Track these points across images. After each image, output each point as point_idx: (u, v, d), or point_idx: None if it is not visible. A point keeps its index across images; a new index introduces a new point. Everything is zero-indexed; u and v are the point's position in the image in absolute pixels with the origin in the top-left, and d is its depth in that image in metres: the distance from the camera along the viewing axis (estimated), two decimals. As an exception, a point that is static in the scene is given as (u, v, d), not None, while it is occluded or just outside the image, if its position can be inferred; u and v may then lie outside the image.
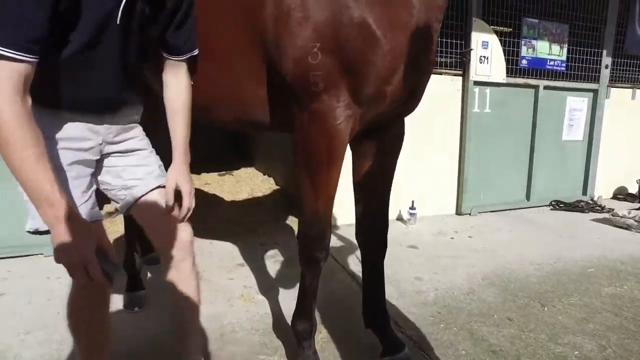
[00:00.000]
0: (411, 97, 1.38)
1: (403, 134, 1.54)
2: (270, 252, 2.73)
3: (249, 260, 2.58)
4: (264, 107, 1.40)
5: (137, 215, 1.25)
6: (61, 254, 0.89)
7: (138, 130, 1.25)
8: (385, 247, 1.58)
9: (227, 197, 3.85)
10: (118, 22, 1.04)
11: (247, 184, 4.23)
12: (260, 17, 1.25)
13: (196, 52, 1.27)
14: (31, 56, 0.87)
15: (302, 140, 1.30)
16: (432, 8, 1.25)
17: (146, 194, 1.22)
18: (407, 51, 1.22)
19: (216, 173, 4.62)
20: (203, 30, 1.36)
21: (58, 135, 1.05)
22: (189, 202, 1.26)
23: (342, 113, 1.22)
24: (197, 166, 4.40)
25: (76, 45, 1.00)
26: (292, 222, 3.37)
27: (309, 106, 1.24)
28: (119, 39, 1.06)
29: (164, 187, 1.24)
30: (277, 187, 4.13)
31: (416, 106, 1.46)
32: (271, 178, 4.33)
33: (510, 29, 3.81)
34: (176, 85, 1.27)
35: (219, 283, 2.26)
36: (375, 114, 1.32)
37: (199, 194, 3.96)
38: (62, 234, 0.88)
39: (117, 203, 1.24)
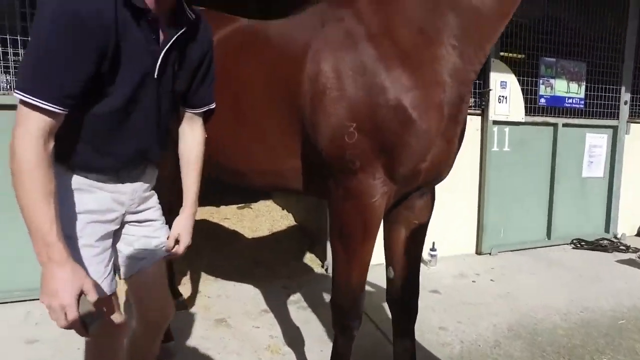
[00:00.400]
0: (444, 166, 1.41)
1: (434, 199, 1.57)
2: (293, 297, 2.74)
3: (273, 306, 2.60)
4: (299, 176, 1.45)
5: (133, 281, 1.28)
6: (45, 294, 0.91)
7: (154, 199, 1.30)
8: (416, 312, 1.59)
9: (248, 234, 3.89)
10: (155, 76, 1.09)
11: (266, 219, 4.28)
12: (297, 94, 1.31)
13: (213, 105, 1.33)
14: (63, 109, 0.93)
15: (336, 214, 1.33)
16: (465, 82, 1.30)
17: (151, 266, 1.27)
18: (441, 128, 1.26)
19: (235, 206, 4.68)
20: (241, 101, 1.43)
21: (88, 207, 1.09)
22: (182, 251, 1.32)
23: (378, 191, 1.25)
24: (216, 198, 4.50)
25: (115, 100, 1.04)
26: (312, 261, 3.38)
27: (345, 183, 1.28)
28: (155, 93, 1.11)
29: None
30: (296, 223, 4.16)
31: (448, 173, 1.49)
32: (290, 214, 4.37)
33: (523, 56, 3.83)
34: (192, 138, 1.33)
35: (245, 331, 2.28)
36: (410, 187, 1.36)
37: (220, 229, 4.02)
38: (50, 275, 0.90)
39: (120, 268, 1.27)
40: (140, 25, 1.05)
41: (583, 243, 4.07)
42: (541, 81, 3.94)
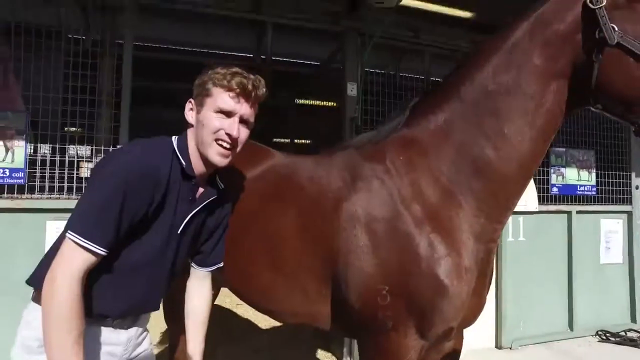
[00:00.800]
0: (475, 316, 1.42)
1: (462, 337, 1.56)
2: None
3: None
4: (329, 319, 1.45)
5: None
6: None
7: (147, 341, 1.30)
8: None
9: (262, 324, 3.82)
10: (179, 231, 1.19)
11: (279, 304, 4.20)
12: (330, 249, 1.35)
13: (221, 264, 1.40)
14: (106, 251, 1.01)
15: (367, 363, 1.33)
16: (492, 239, 1.34)
17: None
18: (472, 288, 1.28)
19: (248, 287, 4.62)
20: (275, 246, 1.47)
21: None
22: None
23: (410, 349, 1.25)
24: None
25: (143, 247, 1.12)
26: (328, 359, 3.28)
27: (376, 339, 1.28)
28: (174, 247, 1.20)
29: None
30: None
31: (478, 317, 1.48)
32: (304, 300, 4.30)
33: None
34: (201, 298, 1.39)
35: None
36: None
37: (233, 317, 3.94)
38: None
39: None
40: (185, 186, 1.19)
41: (609, 335, 3.90)
42: (552, 170, 4.03)
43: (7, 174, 2.54)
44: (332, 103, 6.54)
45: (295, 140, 9.21)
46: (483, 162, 1.24)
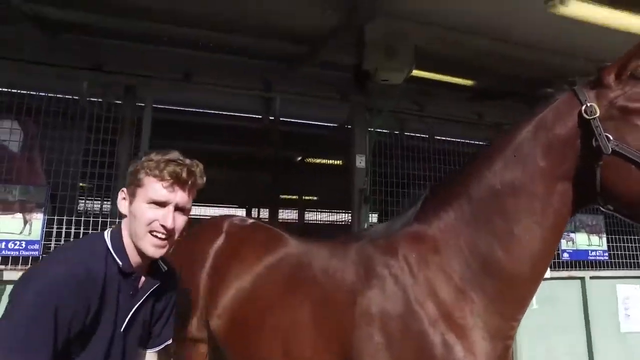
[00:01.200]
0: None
1: None
2: None
3: None
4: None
5: None
6: None
7: None
8: None
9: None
10: (122, 330, 1.14)
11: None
12: (344, 345, 1.34)
13: (170, 341, 1.35)
14: None
15: None
16: (508, 336, 1.33)
17: None
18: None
19: None
20: (290, 340, 1.47)
21: None
22: None
23: None
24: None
25: (88, 357, 1.08)
26: None
27: None
28: (121, 345, 1.15)
29: None
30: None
31: None
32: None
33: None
34: None
35: None
36: None
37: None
38: None
39: None
40: (124, 282, 1.16)
41: (636, 414, 3.65)
42: (562, 236, 4.00)
43: (23, 246, 2.60)
44: (339, 162, 6.69)
45: (304, 197, 9.30)
46: (493, 261, 1.26)
